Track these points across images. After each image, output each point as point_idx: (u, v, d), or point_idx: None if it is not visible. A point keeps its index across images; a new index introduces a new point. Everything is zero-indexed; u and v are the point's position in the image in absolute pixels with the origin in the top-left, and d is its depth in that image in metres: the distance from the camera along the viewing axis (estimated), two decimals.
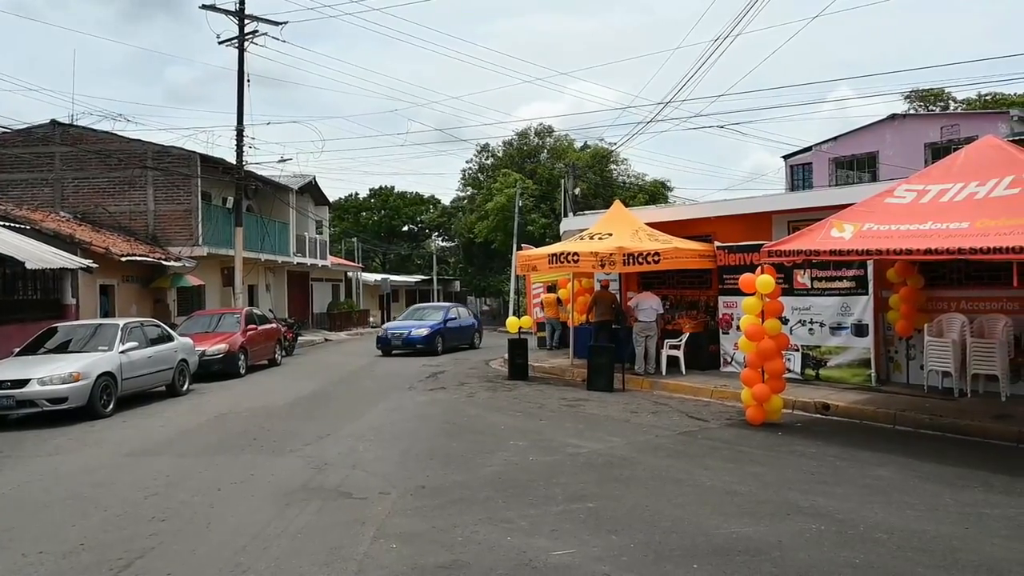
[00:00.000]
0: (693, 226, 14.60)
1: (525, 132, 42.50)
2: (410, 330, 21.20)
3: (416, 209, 61.34)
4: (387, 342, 21.42)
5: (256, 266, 27.25)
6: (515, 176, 37.91)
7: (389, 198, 60.47)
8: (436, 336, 21.22)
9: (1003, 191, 8.01)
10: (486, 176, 43.47)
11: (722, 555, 5.04)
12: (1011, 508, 5.96)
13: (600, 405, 11.30)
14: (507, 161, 41.88)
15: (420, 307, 25.74)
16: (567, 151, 39.48)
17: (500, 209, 36.76)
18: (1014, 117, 25.27)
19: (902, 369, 11.71)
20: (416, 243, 62.50)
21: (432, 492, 6.72)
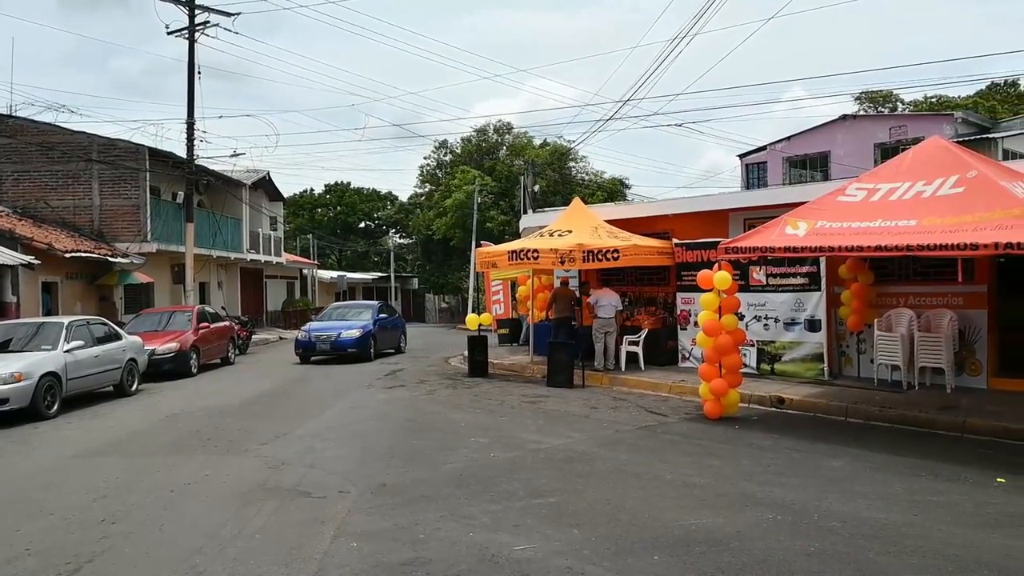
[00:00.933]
0: (651, 223, 14.74)
1: (484, 129, 42.44)
2: (339, 331, 18.17)
3: (373, 205, 60.74)
4: (309, 346, 18.28)
5: (208, 263, 26.69)
6: (474, 173, 37.82)
7: (345, 194, 59.76)
8: (369, 338, 18.45)
9: (948, 190, 8.26)
10: (444, 173, 43.25)
11: (682, 546, 5.11)
12: (956, 495, 6.16)
13: (560, 401, 11.35)
14: (466, 158, 41.72)
15: (342, 305, 22.46)
16: (526, 148, 39.49)
17: (459, 206, 36.61)
18: (958, 119, 26.10)
19: (853, 363, 12.01)
20: (373, 240, 61.92)
21: (393, 490, 6.66)
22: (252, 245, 30.59)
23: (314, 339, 18.22)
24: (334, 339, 18.05)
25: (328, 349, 18.06)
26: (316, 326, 19.18)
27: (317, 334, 18.35)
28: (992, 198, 7.75)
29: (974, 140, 22.54)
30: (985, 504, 5.93)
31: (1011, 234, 7.06)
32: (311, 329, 18.87)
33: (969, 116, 27.64)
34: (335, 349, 18.05)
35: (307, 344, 18.31)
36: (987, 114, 32.10)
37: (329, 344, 18.02)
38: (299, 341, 18.64)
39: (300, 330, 19.53)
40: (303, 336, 18.64)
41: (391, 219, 59.75)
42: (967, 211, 7.75)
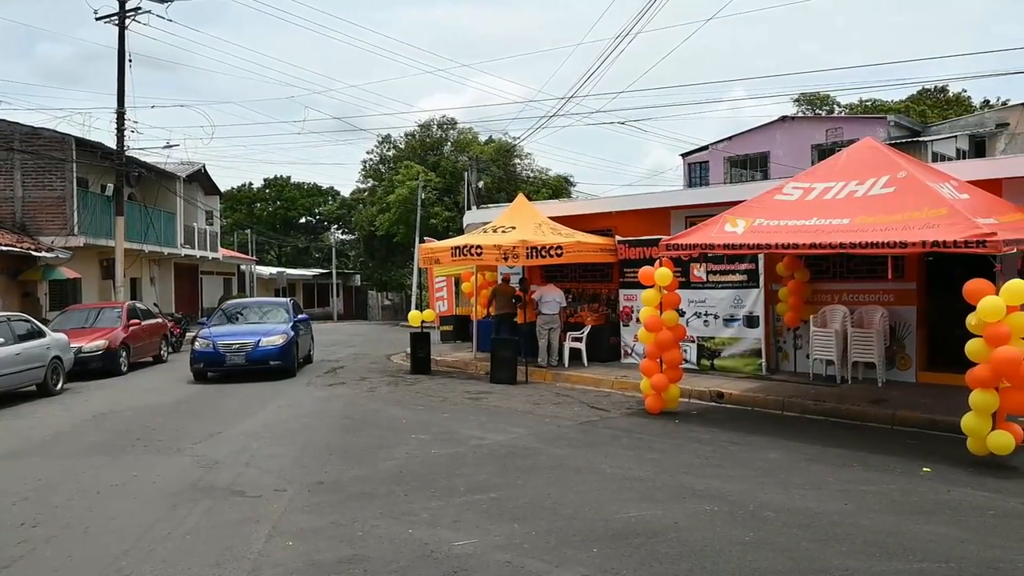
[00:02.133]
0: (595, 220, 14.84)
1: (428, 124, 42.04)
2: (257, 339, 14.00)
3: (314, 200, 59.69)
4: (214, 359, 13.96)
5: (139, 258, 25.81)
6: (417, 168, 37.46)
7: (285, 188, 58.56)
8: (293, 347, 14.57)
9: (879, 190, 8.51)
10: (388, 168, 42.71)
11: (621, 538, 5.14)
12: (885, 485, 6.35)
13: (503, 397, 11.32)
14: (409, 153, 41.27)
15: (244, 304, 17.45)
16: (471, 144, 39.33)
17: (402, 201, 36.20)
18: (891, 122, 27.05)
19: (790, 358, 12.31)
20: (314, 236, 60.88)
21: (331, 488, 6.53)
22: (187, 240, 29.71)
23: (222, 350, 13.88)
24: (251, 349, 13.89)
25: (243, 363, 13.81)
26: (220, 332, 14.57)
27: (226, 342, 14.00)
28: (920, 198, 8.01)
29: (905, 143, 23.38)
30: (912, 493, 6.12)
31: (937, 233, 7.31)
32: (214, 336, 14.26)
33: (901, 120, 28.68)
34: (253, 362, 13.85)
35: (211, 357, 13.95)
36: (918, 118, 33.34)
37: (244, 356, 13.82)
38: (199, 353, 14.05)
39: (198, 337, 14.57)
40: (204, 346, 14.05)
41: (333, 214, 58.84)
42: (897, 210, 7.99)
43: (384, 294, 51.73)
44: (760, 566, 4.64)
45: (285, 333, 14.49)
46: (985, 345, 6.72)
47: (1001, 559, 4.71)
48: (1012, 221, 8.35)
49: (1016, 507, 5.73)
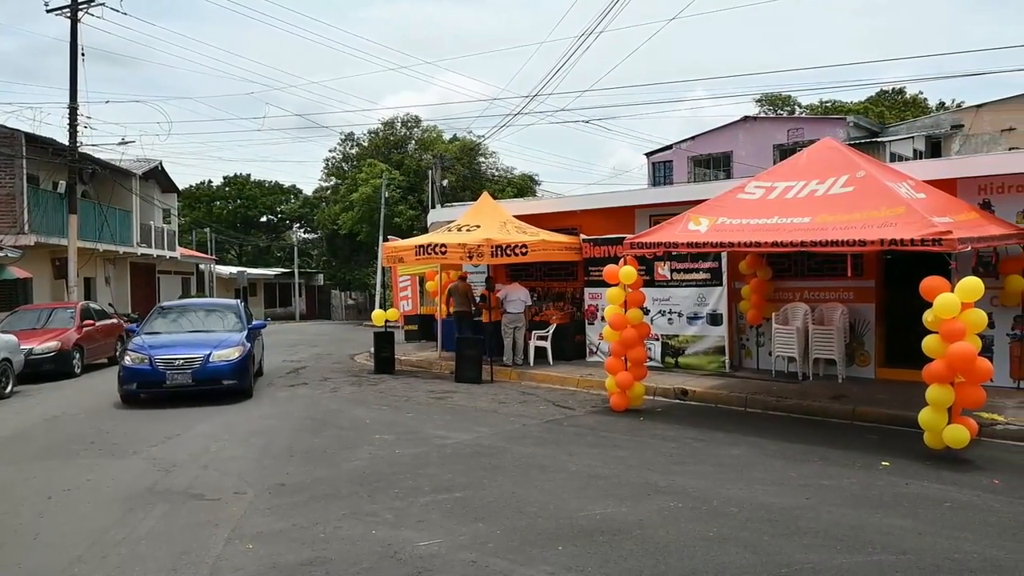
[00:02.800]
0: (560, 219, 14.85)
1: (392, 122, 41.73)
2: (208, 351, 11.08)
3: (275, 199, 58.77)
4: (151, 378, 10.92)
5: (94, 257, 25.16)
6: (381, 166, 37.14)
7: (245, 186, 57.56)
8: (250, 361, 11.79)
9: (839, 189, 8.63)
10: (351, 166, 42.27)
11: (586, 536, 5.13)
12: (845, 479, 6.44)
13: (468, 396, 11.26)
14: (373, 151, 40.90)
15: (184, 305, 14.31)
16: (435, 142, 39.13)
17: (366, 200, 35.85)
18: (850, 123, 27.59)
19: (753, 355, 12.46)
20: (276, 234, 60.01)
21: (292, 489, 6.42)
22: (143, 239, 29.04)
23: (161, 366, 10.86)
24: (200, 365, 10.97)
25: (188, 383, 10.91)
26: (159, 343, 11.51)
27: (166, 356, 10.97)
28: (878, 197, 8.15)
29: (864, 143, 23.84)
30: (871, 487, 6.22)
31: (895, 231, 7.44)
32: (151, 348, 11.19)
33: (860, 120, 29.27)
34: (201, 382, 10.95)
35: (146, 375, 10.91)
36: (876, 119, 34.05)
37: (191, 375, 10.90)
38: (130, 370, 11.01)
39: (127, 350, 11.71)
40: (137, 361, 11.02)
41: (295, 213, 58.02)
42: (856, 209, 8.12)
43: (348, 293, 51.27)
44: (723, 561, 4.67)
45: (241, 344, 11.54)
46: (941, 341, 6.85)
47: (956, 549, 4.80)
48: (966, 220, 8.54)
49: (971, 499, 5.85)
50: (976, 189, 10.34)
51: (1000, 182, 10.23)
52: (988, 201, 10.28)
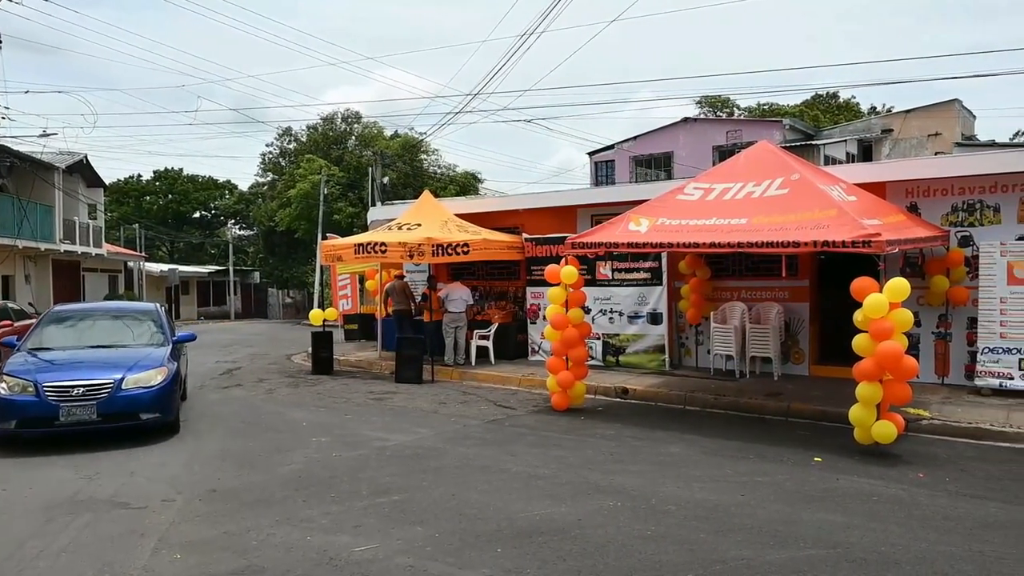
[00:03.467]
0: (502, 218, 14.82)
1: (332, 117, 41.03)
2: (120, 375, 8.25)
3: (209, 194, 57.07)
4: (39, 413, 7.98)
5: (12, 254, 24.03)
6: (320, 162, 36.46)
7: (177, 181, 55.73)
8: (175, 386, 8.88)
9: (775, 191, 8.82)
10: (288, 161, 41.40)
11: (525, 537, 5.11)
12: (779, 475, 6.58)
13: (408, 397, 11.13)
14: (311, 146, 40.14)
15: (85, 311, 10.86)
16: (376, 139, 38.63)
17: (304, 196, 35.14)
18: (787, 126, 28.32)
19: (692, 354, 12.66)
20: (209, 231, 58.36)
21: (224, 495, 6.22)
22: (67, 235, 27.83)
23: (52, 397, 7.96)
24: (108, 395, 8.10)
25: (91, 419, 8.02)
26: (49, 363, 8.67)
27: (58, 384, 8.06)
28: (812, 199, 8.35)
29: (799, 146, 24.49)
30: (804, 482, 6.36)
31: (827, 233, 7.63)
32: (38, 370, 8.38)
33: (796, 124, 30.08)
34: (110, 417, 8.10)
35: (32, 410, 7.96)
36: (811, 122, 35.09)
37: (95, 408, 8.02)
38: (8, 403, 7.99)
39: (4, 373, 8.36)
40: (17, 389, 8.07)
41: (230, 209, 56.46)
42: (790, 211, 8.30)
43: (285, 292, 50.20)
44: (661, 559, 4.70)
45: (164, 364, 8.68)
46: (870, 340, 7.06)
47: (883, 542, 4.94)
48: (895, 222, 8.83)
49: (897, 493, 6.03)
50: (904, 192, 10.71)
51: (926, 186, 10.62)
52: (915, 204, 10.66)
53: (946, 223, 10.44)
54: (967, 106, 29.14)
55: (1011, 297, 9.42)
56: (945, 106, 27.29)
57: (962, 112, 28.36)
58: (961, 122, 28.01)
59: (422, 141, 35.72)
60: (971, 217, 10.34)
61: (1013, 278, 9.41)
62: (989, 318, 9.57)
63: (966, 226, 10.36)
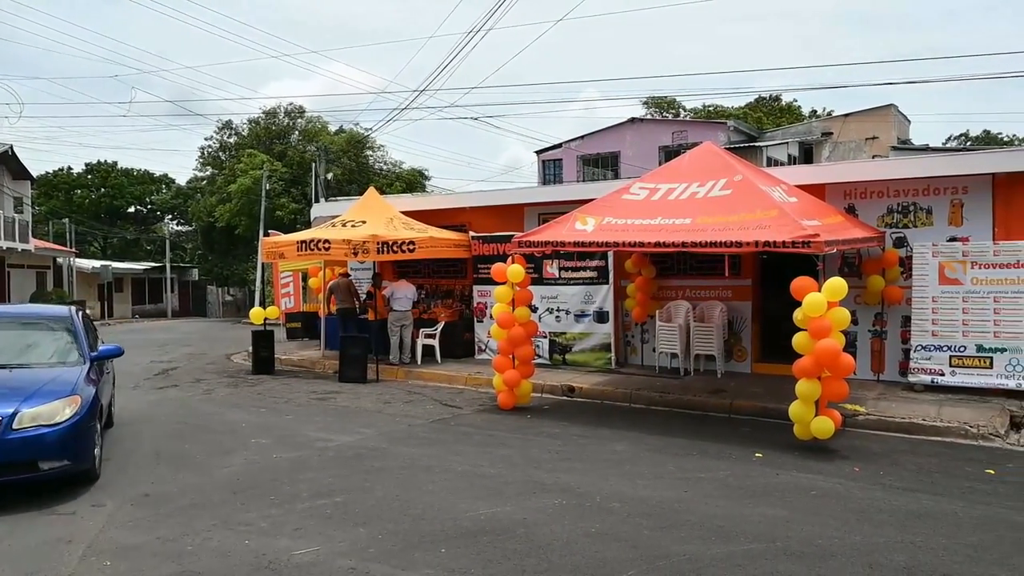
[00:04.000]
0: (449, 216, 14.71)
1: (274, 111, 40.11)
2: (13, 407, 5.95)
3: (145, 188, 55.19)
4: None
5: None
6: (262, 157, 35.59)
7: (111, 174, 53.72)
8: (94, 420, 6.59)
9: (718, 192, 8.95)
10: (229, 155, 40.34)
11: (470, 537, 5.06)
12: (721, 471, 6.67)
13: (352, 397, 10.95)
14: (253, 141, 39.12)
15: None
16: (320, 134, 37.93)
17: (245, 192, 34.22)
18: (731, 127, 28.91)
19: (638, 352, 12.76)
20: (145, 226, 56.53)
21: (158, 500, 6.01)
22: None
23: None
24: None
25: None
26: None
27: None
28: (754, 200, 8.49)
29: (743, 147, 25.01)
30: (745, 478, 6.46)
31: (768, 233, 7.77)
32: None
33: (740, 125, 30.76)
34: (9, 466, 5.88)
35: None
36: (755, 124, 35.89)
37: None
38: None
39: None
40: None
41: (167, 204, 54.67)
42: (733, 211, 8.42)
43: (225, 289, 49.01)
44: (605, 556, 4.70)
45: (75, 392, 6.43)
46: (809, 338, 7.21)
47: (820, 535, 5.04)
48: (833, 223, 9.05)
49: (834, 487, 6.17)
50: (842, 194, 11.00)
51: (863, 188, 10.92)
52: (852, 206, 10.96)
53: (882, 224, 10.75)
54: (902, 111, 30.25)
55: (942, 296, 9.75)
56: (882, 111, 28.27)
57: (898, 117, 29.41)
58: (897, 126, 29.05)
59: (367, 137, 35.26)
60: (905, 219, 10.67)
61: (944, 278, 9.74)
62: (922, 317, 9.89)
63: (901, 228, 10.69)
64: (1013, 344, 9.35)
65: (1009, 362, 9.37)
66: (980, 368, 9.54)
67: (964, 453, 7.33)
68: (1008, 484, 6.27)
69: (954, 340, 9.68)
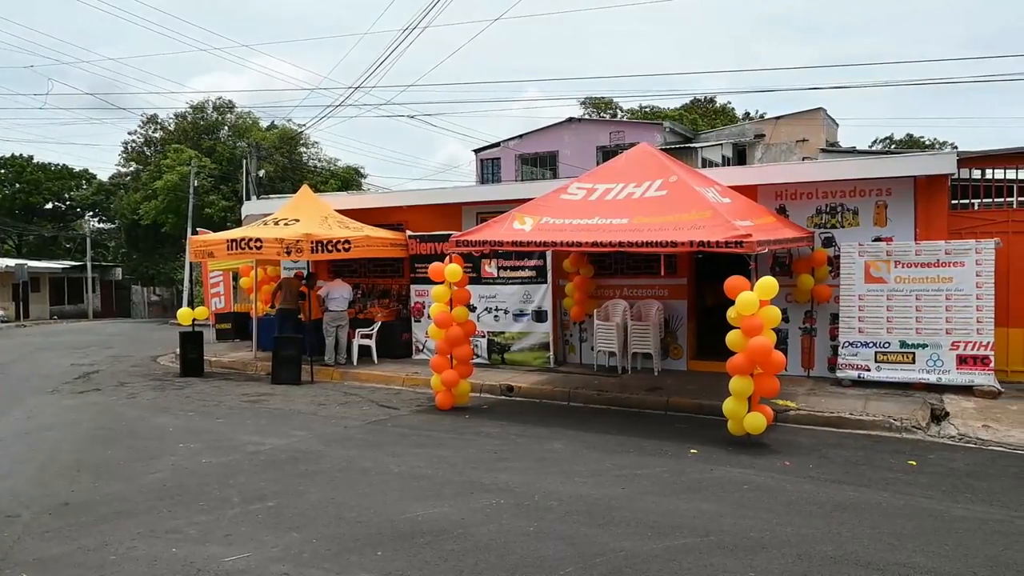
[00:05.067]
0: (386, 215, 14.51)
1: (202, 106, 38.94)
2: None
3: (63, 184, 52.65)
4: None
5: None
6: (190, 153, 34.45)
7: (26, 169, 51.01)
8: None
9: (654, 192, 9.06)
10: (155, 151, 38.98)
11: (407, 539, 4.98)
12: (657, 468, 6.74)
13: (286, 399, 10.69)
14: (180, 135, 37.88)
15: None
16: (251, 129, 36.98)
17: (172, 188, 33.05)
18: (667, 129, 29.41)
19: (576, 351, 12.85)
20: (64, 224, 54.04)
21: (79, 508, 5.73)
22: None
23: None
24: None
25: None
26: None
27: None
28: (688, 201, 8.63)
29: (679, 148, 25.47)
30: (680, 474, 6.55)
31: (702, 233, 7.89)
32: None
33: (675, 127, 31.32)
34: None
35: None
36: (690, 125, 36.58)
37: None
38: None
39: None
40: None
41: (88, 200, 52.35)
42: (669, 212, 8.54)
43: (151, 289, 47.28)
44: (543, 555, 4.69)
45: None
46: (742, 336, 7.37)
47: (752, 528, 5.15)
48: (765, 223, 9.28)
49: (766, 481, 6.32)
50: (774, 195, 11.30)
51: (794, 189, 11.24)
52: (784, 206, 11.27)
53: (811, 224, 11.08)
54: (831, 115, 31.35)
55: (868, 295, 10.12)
56: (811, 114, 29.23)
57: (827, 120, 30.47)
58: (826, 129, 30.11)
59: (301, 133, 34.57)
60: (833, 219, 11.03)
61: (870, 277, 10.11)
62: (849, 314, 10.24)
63: (829, 228, 11.04)
64: (933, 340, 9.76)
65: (930, 357, 9.78)
66: (904, 363, 9.93)
67: (888, 446, 7.60)
68: (928, 475, 6.53)
69: (879, 336, 10.05)
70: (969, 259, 9.64)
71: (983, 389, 9.45)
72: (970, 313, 9.63)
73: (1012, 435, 7.74)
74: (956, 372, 9.65)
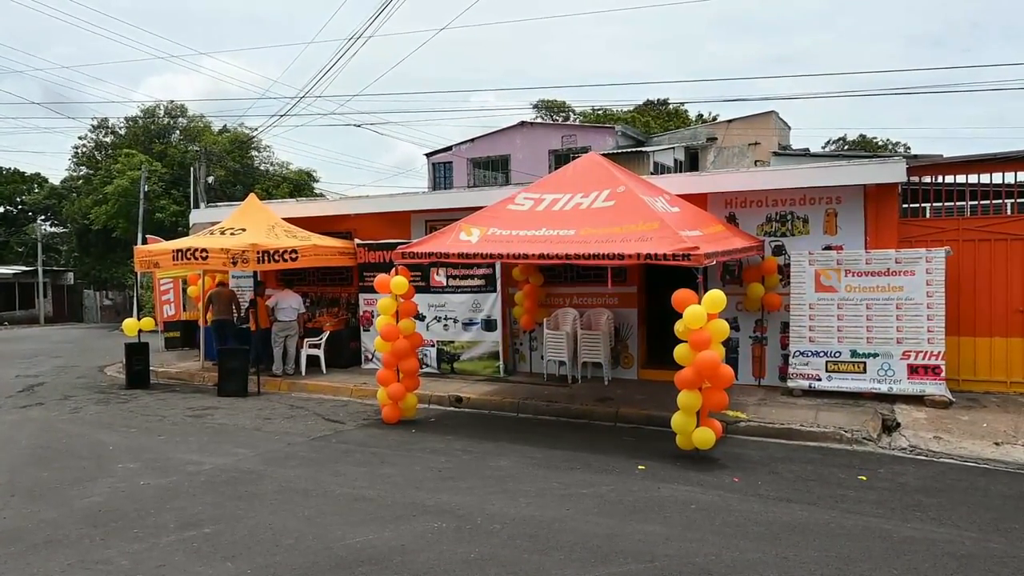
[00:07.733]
0: (334, 222, 14.26)
1: (153, 110, 38.07)
2: None
3: (15, 188, 51.20)
4: None
5: None
6: (140, 157, 33.61)
7: None
8: None
9: (602, 203, 9.03)
10: (105, 155, 37.97)
11: (344, 568, 4.86)
12: (603, 486, 6.68)
13: (231, 413, 10.43)
14: (131, 140, 36.99)
15: None
16: (203, 133, 36.22)
17: (122, 193, 32.23)
18: (619, 132, 29.51)
19: (527, 359, 12.77)
20: (15, 228, 52.46)
21: (8, 537, 5.52)
22: None
23: None
24: None
25: None
26: None
27: None
28: (636, 212, 8.61)
29: (631, 152, 25.57)
30: (627, 492, 6.49)
31: (650, 245, 7.87)
32: None
33: (628, 130, 31.45)
34: None
35: None
36: (643, 128, 36.74)
37: None
38: None
39: None
40: None
41: (39, 204, 50.95)
42: (616, 223, 8.51)
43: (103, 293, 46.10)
44: None
45: None
46: (690, 350, 7.35)
47: (697, 552, 5.11)
48: (714, 233, 9.29)
49: (713, 500, 6.29)
50: (724, 203, 11.35)
51: (743, 198, 11.29)
52: (734, 214, 11.32)
53: (761, 233, 11.13)
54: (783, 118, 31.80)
55: (819, 303, 10.18)
56: (763, 117, 29.61)
57: (779, 123, 30.89)
58: (778, 132, 30.51)
59: (253, 138, 33.95)
60: (783, 227, 11.09)
61: (820, 285, 10.18)
62: (799, 323, 10.30)
63: (779, 236, 11.10)
64: (884, 349, 9.84)
65: (881, 367, 9.85)
66: (854, 372, 10.00)
67: (839, 459, 7.58)
68: (878, 491, 6.51)
69: (830, 346, 10.11)
70: (919, 268, 9.71)
71: (934, 399, 9.50)
72: (921, 322, 9.69)
73: (963, 447, 7.79)
74: (907, 382, 9.72)
